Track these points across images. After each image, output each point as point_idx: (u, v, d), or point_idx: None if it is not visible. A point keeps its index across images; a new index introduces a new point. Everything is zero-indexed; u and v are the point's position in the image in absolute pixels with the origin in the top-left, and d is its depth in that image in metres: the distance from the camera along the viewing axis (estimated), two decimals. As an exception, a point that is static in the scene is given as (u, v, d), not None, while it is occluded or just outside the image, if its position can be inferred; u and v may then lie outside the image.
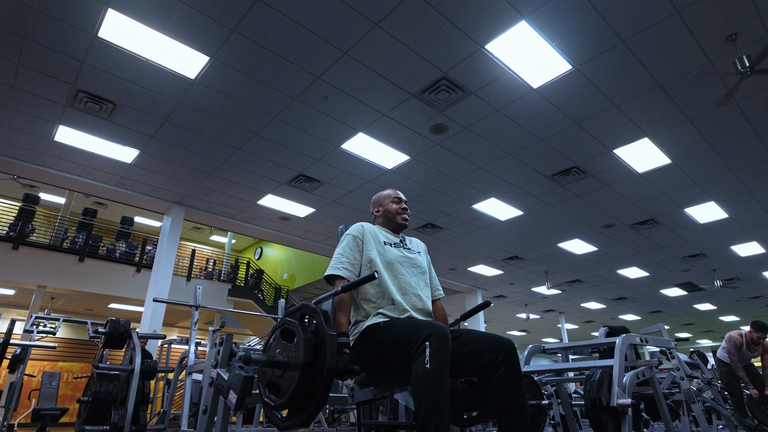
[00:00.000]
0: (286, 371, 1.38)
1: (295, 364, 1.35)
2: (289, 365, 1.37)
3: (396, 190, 2.04)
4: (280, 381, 1.39)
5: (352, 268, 1.78)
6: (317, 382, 1.33)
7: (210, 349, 2.79)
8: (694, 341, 21.44)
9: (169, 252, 6.76)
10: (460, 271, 10.16)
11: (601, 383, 2.68)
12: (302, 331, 1.38)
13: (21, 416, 8.99)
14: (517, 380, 1.52)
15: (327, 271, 1.78)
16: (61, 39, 3.83)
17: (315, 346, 1.37)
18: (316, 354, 1.36)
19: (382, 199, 2.02)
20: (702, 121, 4.95)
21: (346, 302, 1.67)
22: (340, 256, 1.80)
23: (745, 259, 9.48)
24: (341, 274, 1.75)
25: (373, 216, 2.05)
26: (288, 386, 1.35)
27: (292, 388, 1.33)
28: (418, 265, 1.88)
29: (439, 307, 1.93)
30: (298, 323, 1.42)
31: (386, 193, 2.03)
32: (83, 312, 12.66)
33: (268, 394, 1.43)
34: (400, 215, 1.96)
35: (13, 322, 4.13)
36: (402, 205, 1.98)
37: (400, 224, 1.97)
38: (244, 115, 4.85)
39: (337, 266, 1.77)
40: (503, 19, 3.65)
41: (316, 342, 1.38)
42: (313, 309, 1.46)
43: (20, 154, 5.56)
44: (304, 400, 1.34)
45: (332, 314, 1.65)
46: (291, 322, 1.44)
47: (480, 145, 5.40)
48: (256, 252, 15.81)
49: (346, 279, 1.74)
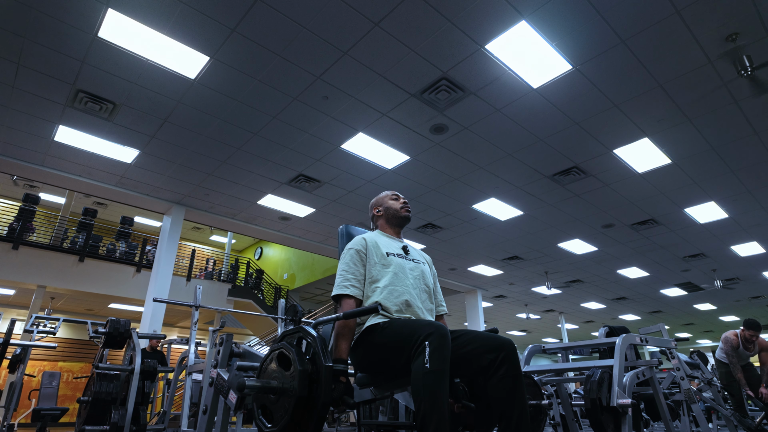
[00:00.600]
0: (281, 397, 1.37)
1: (290, 393, 1.34)
2: (285, 392, 1.35)
3: (393, 190, 2.07)
4: (274, 407, 1.38)
5: (358, 284, 1.74)
6: (311, 415, 1.31)
7: (210, 349, 2.79)
8: (694, 341, 21.44)
9: (169, 252, 6.76)
10: (460, 271, 10.16)
11: (601, 383, 2.68)
12: (299, 362, 1.36)
13: (21, 416, 9.00)
14: (518, 380, 1.52)
15: (334, 290, 1.75)
16: (61, 39, 3.83)
17: (311, 376, 1.35)
18: (311, 385, 1.34)
19: (381, 200, 2.04)
20: (702, 121, 4.95)
21: (350, 326, 1.63)
22: (345, 273, 1.76)
23: (745, 259, 9.48)
24: (349, 293, 1.71)
25: (373, 217, 2.04)
26: (281, 416, 1.34)
27: (284, 420, 1.31)
28: (422, 277, 1.86)
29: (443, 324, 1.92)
30: (295, 351, 1.39)
31: (384, 193, 2.07)
32: (83, 312, 12.66)
33: (260, 416, 1.42)
34: (403, 208, 1.99)
35: (13, 322, 4.13)
36: (402, 201, 2.02)
37: (404, 217, 1.98)
38: (244, 115, 4.86)
39: (343, 285, 1.73)
40: (503, 19, 3.65)
41: (312, 371, 1.36)
42: (310, 335, 1.44)
43: (20, 154, 5.56)
44: (297, 430, 1.33)
45: (334, 339, 1.61)
46: (288, 348, 1.42)
47: (480, 145, 5.40)
48: (256, 252, 15.81)
49: (353, 297, 1.71)
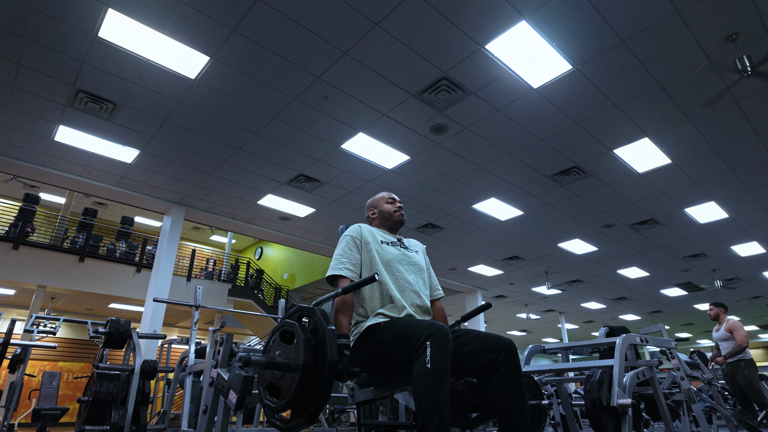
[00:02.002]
0: (287, 373, 1.38)
1: (295, 365, 1.35)
2: (290, 366, 1.37)
3: (389, 192, 2.08)
4: (281, 383, 1.39)
5: (353, 267, 1.77)
6: (318, 380, 1.33)
7: (210, 349, 2.79)
8: (694, 341, 21.45)
9: (169, 252, 6.76)
10: (460, 271, 10.16)
11: (601, 383, 2.67)
12: (302, 332, 1.38)
13: (21, 416, 9.00)
14: (518, 380, 1.52)
15: (328, 272, 1.77)
16: (62, 39, 3.83)
17: (315, 345, 1.37)
18: (316, 353, 1.36)
19: (376, 202, 2.06)
20: (702, 121, 4.95)
21: (349, 303, 1.66)
22: (341, 257, 1.79)
23: (745, 259, 9.48)
24: (343, 274, 1.74)
25: (368, 218, 2.07)
26: (289, 387, 1.35)
27: (293, 389, 1.33)
28: (416, 263, 1.89)
29: (439, 307, 1.93)
30: (297, 324, 1.42)
31: (380, 195, 2.07)
32: (83, 312, 12.67)
33: (268, 397, 1.43)
34: (397, 212, 2.00)
35: (13, 322, 4.13)
36: (396, 204, 2.02)
37: (397, 221, 2.00)
38: (244, 115, 4.86)
39: (338, 267, 1.76)
40: (503, 19, 3.65)
41: (316, 341, 1.38)
42: (309, 309, 1.46)
43: (20, 154, 5.56)
44: (306, 400, 1.34)
45: (333, 316, 1.64)
46: (290, 323, 1.44)
47: (480, 145, 5.41)
48: (256, 252, 15.82)
49: (348, 279, 1.73)
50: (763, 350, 22.03)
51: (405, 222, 2.05)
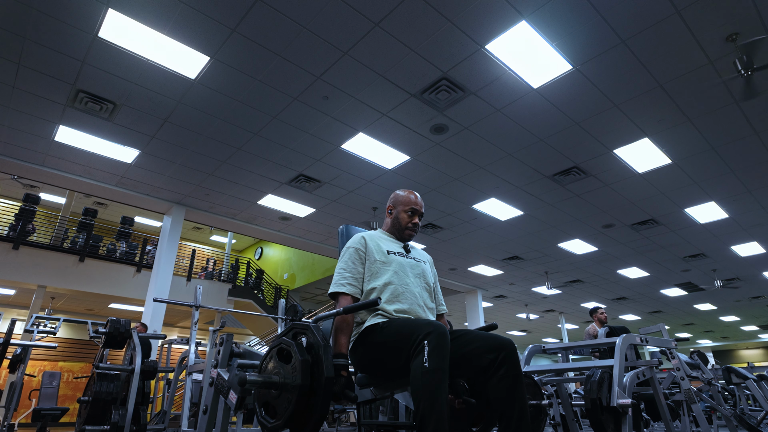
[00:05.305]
0: (283, 392, 1.37)
1: (292, 386, 1.34)
2: (286, 386, 1.36)
3: (416, 198, 1.93)
4: (277, 402, 1.38)
5: (356, 282, 1.74)
6: (315, 401, 1.32)
7: (210, 349, 2.79)
8: (694, 341, 21.43)
9: (169, 252, 6.76)
10: (460, 271, 10.16)
11: (601, 383, 2.67)
12: (299, 353, 1.37)
13: (21, 416, 9.00)
14: (518, 380, 1.52)
15: (331, 288, 1.75)
16: (62, 39, 3.83)
17: (312, 366, 1.36)
18: (313, 375, 1.35)
19: (399, 203, 1.93)
20: (702, 121, 4.95)
21: (349, 321, 1.63)
22: (343, 271, 1.75)
23: (745, 259, 9.48)
24: (345, 290, 1.71)
25: (386, 212, 2.00)
26: (285, 408, 1.34)
27: (288, 411, 1.31)
28: (423, 275, 1.85)
29: (443, 323, 1.92)
30: (294, 344, 1.40)
31: (404, 196, 1.93)
32: (83, 312, 12.67)
33: (264, 415, 1.42)
34: (409, 230, 1.90)
35: (13, 322, 4.14)
36: (414, 220, 1.90)
37: (406, 237, 1.92)
38: (245, 115, 4.86)
39: (340, 282, 1.73)
40: (503, 19, 3.65)
41: (313, 361, 1.36)
42: (304, 326, 1.45)
43: (21, 154, 5.56)
44: (302, 420, 1.33)
45: (333, 334, 1.62)
46: (287, 342, 1.42)
47: (480, 145, 5.40)
48: (256, 252, 15.82)
49: (350, 295, 1.71)
50: (763, 350, 22.02)
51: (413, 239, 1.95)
